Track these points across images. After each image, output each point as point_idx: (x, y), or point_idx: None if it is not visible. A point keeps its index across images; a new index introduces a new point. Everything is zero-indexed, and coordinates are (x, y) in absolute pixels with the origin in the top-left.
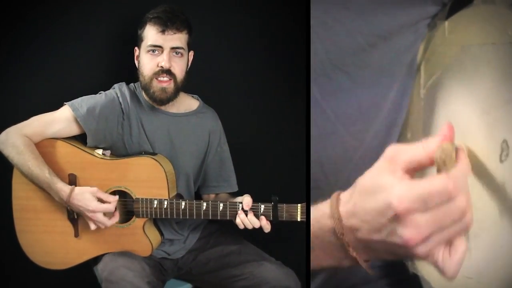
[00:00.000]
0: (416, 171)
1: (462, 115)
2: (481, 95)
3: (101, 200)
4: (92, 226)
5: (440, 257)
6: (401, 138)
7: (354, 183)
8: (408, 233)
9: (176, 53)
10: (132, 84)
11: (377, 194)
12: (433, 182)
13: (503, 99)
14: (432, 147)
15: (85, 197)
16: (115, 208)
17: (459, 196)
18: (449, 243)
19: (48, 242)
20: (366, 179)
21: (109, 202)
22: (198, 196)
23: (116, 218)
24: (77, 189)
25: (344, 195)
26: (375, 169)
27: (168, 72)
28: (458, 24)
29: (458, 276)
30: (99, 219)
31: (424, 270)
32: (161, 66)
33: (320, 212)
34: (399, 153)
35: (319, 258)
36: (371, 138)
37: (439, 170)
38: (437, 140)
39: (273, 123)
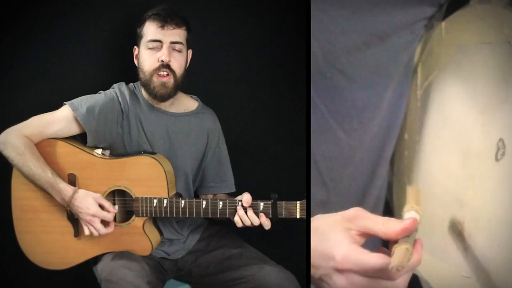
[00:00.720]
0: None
1: (459, 114)
2: (478, 95)
3: (101, 207)
4: (87, 231)
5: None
6: (399, 140)
7: None
8: (340, 283)
9: (176, 48)
10: (131, 84)
11: (326, 241)
12: (380, 261)
13: (499, 98)
14: (391, 228)
15: (87, 200)
16: (112, 222)
17: (400, 279)
18: None
19: (47, 242)
20: (320, 222)
21: (109, 211)
22: (196, 197)
23: (111, 228)
24: (81, 191)
25: None
26: (332, 219)
27: (167, 67)
28: (455, 24)
29: (456, 276)
30: (95, 225)
31: (424, 270)
32: (162, 61)
33: None
34: (360, 218)
35: None
36: (371, 139)
37: (393, 262)
38: (398, 227)
39: (272, 121)
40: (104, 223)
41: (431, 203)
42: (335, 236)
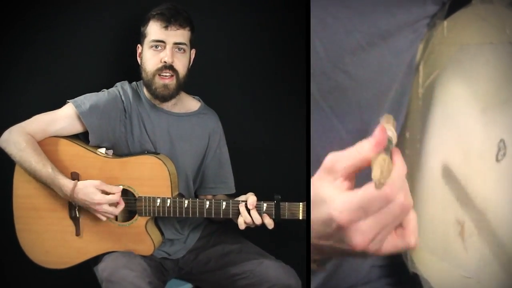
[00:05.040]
0: (356, 173)
1: (460, 113)
2: (479, 94)
3: (105, 192)
4: (103, 218)
5: (394, 241)
6: (400, 138)
7: None
8: (354, 240)
9: (179, 49)
10: (134, 83)
11: (320, 206)
12: (370, 191)
13: (500, 99)
14: (366, 149)
15: (89, 190)
16: (120, 198)
17: (398, 195)
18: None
19: (48, 241)
20: (313, 192)
21: (113, 193)
22: (195, 197)
23: (122, 205)
24: (80, 183)
25: None
26: (316, 180)
27: (170, 67)
28: (457, 23)
29: (456, 276)
30: (106, 210)
31: (424, 269)
32: (164, 62)
33: None
34: (337, 162)
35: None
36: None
37: (375, 176)
38: (371, 143)
39: (274, 122)
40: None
41: (431, 203)
42: (325, 196)
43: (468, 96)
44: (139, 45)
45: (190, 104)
